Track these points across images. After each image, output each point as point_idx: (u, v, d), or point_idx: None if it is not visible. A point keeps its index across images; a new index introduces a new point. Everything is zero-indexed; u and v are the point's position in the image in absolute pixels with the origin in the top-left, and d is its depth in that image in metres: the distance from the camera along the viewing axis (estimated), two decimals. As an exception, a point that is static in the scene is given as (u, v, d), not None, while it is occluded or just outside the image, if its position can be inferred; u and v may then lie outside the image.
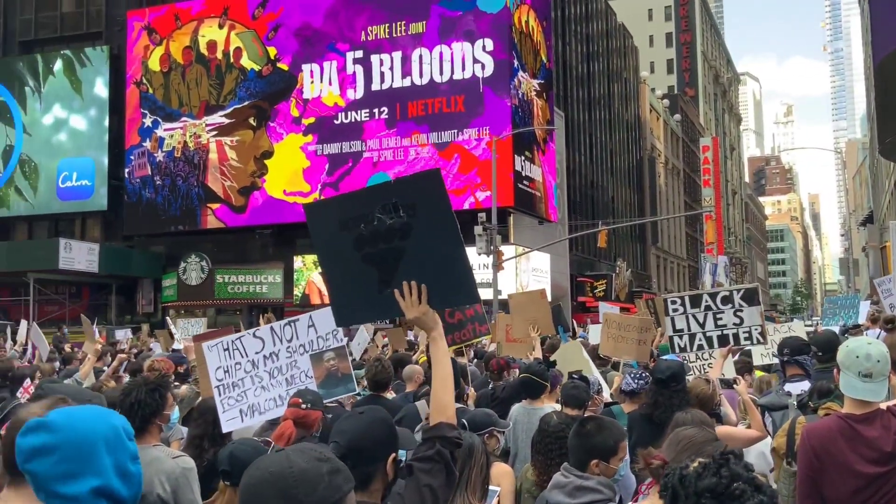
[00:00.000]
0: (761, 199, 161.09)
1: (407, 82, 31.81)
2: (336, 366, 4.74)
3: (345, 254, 2.83)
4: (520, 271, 30.60)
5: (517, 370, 7.75)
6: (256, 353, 4.60)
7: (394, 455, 2.52)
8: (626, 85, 57.95)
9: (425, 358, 10.40)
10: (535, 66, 33.82)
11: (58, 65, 35.68)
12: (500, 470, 3.96)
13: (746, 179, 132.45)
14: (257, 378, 4.56)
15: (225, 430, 4.42)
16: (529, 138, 32.62)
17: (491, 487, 3.62)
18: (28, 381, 6.20)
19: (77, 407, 2.09)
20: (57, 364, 9.83)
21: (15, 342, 14.36)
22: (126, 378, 6.91)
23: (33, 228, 36.80)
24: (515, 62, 31.57)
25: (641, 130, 60.82)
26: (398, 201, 2.72)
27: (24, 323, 15.45)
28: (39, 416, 1.99)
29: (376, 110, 32.02)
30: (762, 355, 8.25)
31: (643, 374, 6.00)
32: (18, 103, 35.95)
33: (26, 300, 30.70)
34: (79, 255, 30.64)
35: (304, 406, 3.95)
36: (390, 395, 7.22)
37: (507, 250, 28.91)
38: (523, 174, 31.78)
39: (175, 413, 4.16)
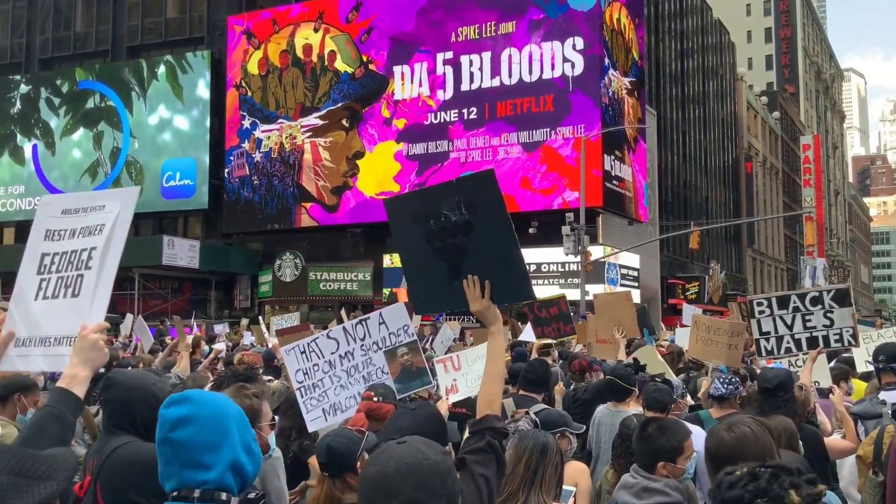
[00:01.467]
0: (866, 199, 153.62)
1: (496, 82, 31.88)
2: (410, 360, 4.84)
3: (419, 246, 2.96)
4: (608, 272, 30.22)
5: (600, 372, 7.73)
6: (332, 353, 4.73)
7: (447, 448, 2.59)
8: (722, 82, 56.33)
9: (509, 357, 10.48)
10: (626, 63, 33.31)
11: (161, 69, 37.36)
12: (575, 468, 3.99)
13: (850, 179, 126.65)
14: (336, 377, 4.70)
15: (311, 429, 4.62)
16: (620, 137, 32.17)
17: (566, 487, 3.65)
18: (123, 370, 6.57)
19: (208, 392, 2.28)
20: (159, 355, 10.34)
21: (119, 334, 15.14)
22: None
23: (139, 226, 38.61)
24: (606, 60, 31.19)
25: (738, 128, 59.01)
26: (460, 199, 2.84)
27: (129, 316, 16.29)
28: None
29: (465, 111, 32.22)
30: (866, 362, 7.96)
31: (732, 379, 5.90)
32: (125, 106, 37.81)
33: (132, 294, 32.29)
34: (181, 252, 32.03)
35: (376, 399, 4.07)
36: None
37: (596, 251, 28.61)
38: (613, 174, 31.37)
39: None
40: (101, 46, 39.84)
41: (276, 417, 5.06)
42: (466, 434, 4.20)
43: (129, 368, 6.62)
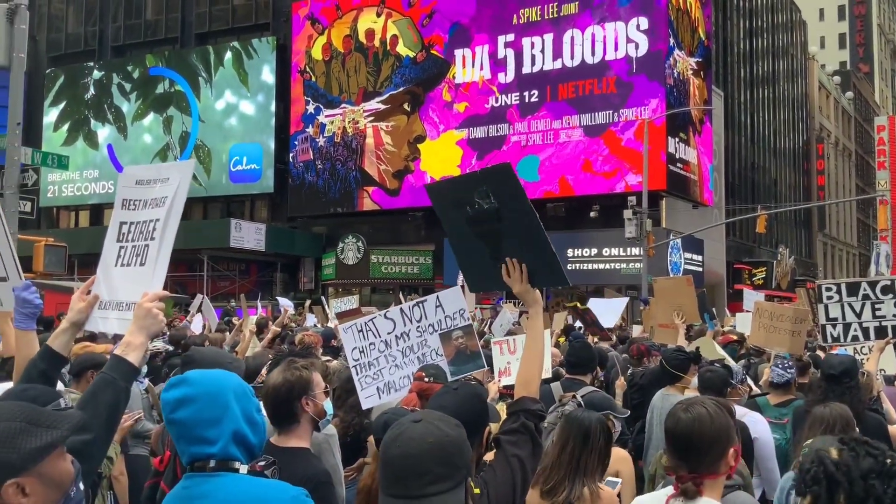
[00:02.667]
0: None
1: (558, 64, 31.60)
2: (464, 343, 4.88)
3: (462, 229, 3.07)
4: (671, 256, 29.80)
5: (658, 357, 7.72)
6: (388, 333, 4.81)
7: (488, 428, 2.67)
8: (793, 61, 54.61)
9: (564, 339, 10.52)
10: (692, 44, 32.62)
11: (227, 55, 38.13)
12: (617, 456, 3.98)
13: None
14: (391, 357, 4.78)
15: (364, 406, 4.72)
16: (684, 119, 31.57)
17: (610, 479, 3.69)
18: (200, 348, 6.86)
19: (211, 370, 2.44)
20: (227, 334, 10.70)
21: (189, 314, 15.66)
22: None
23: (207, 209, 39.66)
24: (671, 40, 30.60)
25: (809, 109, 57.19)
26: (487, 188, 2.90)
27: (199, 296, 16.85)
28: None
29: (526, 93, 32.05)
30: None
31: (792, 366, 5.84)
32: (193, 92, 38.75)
33: (201, 276, 33.24)
34: (248, 235, 32.79)
35: (427, 379, 4.18)
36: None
37: (659, 235, 28.24)
38: (677, 156, 30.84)
39: None
40: (170, 34, 40.85)
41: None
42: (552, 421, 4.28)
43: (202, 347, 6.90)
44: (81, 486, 1.80)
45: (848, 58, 76.22)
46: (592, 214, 30.43)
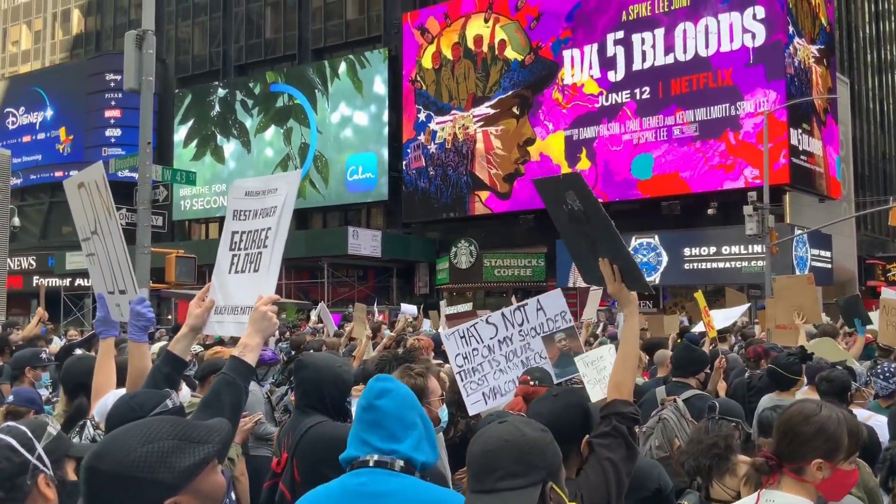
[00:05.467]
0: None
1: (670, 59, 30.86)
2: (568, 345, 4.89)
3: (567, 225, 3.12)
4: (795, 252, 28.52)
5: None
6: (491, 338, 4.82)
7: (587, 437, 2.63)
8: (929, 42, 51.09)
9: (680, 341, 10.30)
10: (813, 30, 31.13)
11: (342, 68, 39.35)
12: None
13: None
14: (495, 362, 4.79)
15: (471, 412, 4.72)
16: (807, 110, 30.15)
17: None
18: (312, 352, 7.19)
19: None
20: (343, 339, 11.11)
21: (310, 320, 16.33)
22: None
23: (327, 218, 41.02)
24: (790, 28, 29.31)
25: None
26: (572, 192, 2.95)
27: (321, 304, 17.54)
28: None
29: (637, 90, 31.46)
30: None
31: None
32: (311, 105, 40.19)
33: (322, 282, 34.39)
34: (364, 242, 33.70)
35: (532, 383, 4.21)
36: (642, 379, 7.35)
37: (783, 231, 27.09)
38: (800, 149, 29.49)
39: None
40: (288, 50, 42.54)
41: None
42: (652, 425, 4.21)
43: (314, 351, 7.24)
44: (233, 497, 1.73)
45: None
46: (710, 212, 29.51)
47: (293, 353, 9.26)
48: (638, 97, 31.46)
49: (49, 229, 47.01)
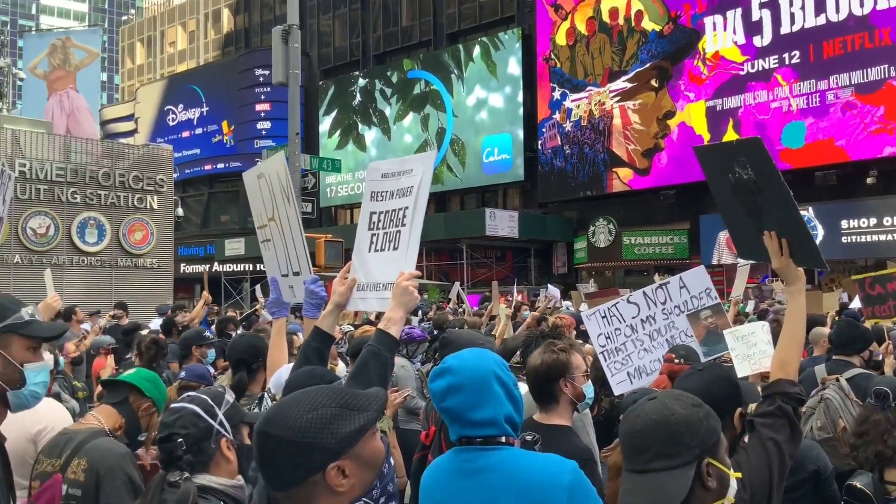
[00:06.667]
0: None
1: (821, 20, 29.00)
2: (714, 323, 4.80)
3: (729, 196, 3.04)
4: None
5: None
6: (633, 317, 4.82)
7: (740, 410, 2.61)
8: None
9: (839, 319, 9.83)
10: None
11: (476, 51, 39.58)
12: None
13: None
14: (638, 341, 4.77)
15: (616, 392, 4.74)
16: (982, 66, 27.57)
17: None
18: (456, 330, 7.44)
19: (467, 350, 2.59)
20: (484, 318, 11.35)
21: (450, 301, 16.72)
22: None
23: (464, 200, 41.55)
24: (961, -23, 26.85)
25: None
26: (744, 160, 2.85)
27: (456, 284, 17.93)
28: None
29: (786, 55, 29.80)
30: None
31: None
32: (447, 89, 40.72)
33: (460, 264, 34.94)
34: (501, 223, 33.89)
35: (677, 361, 4.19)
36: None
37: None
38: (975, 109, 27.05)
39: None
40: (424, 37, 43.25)
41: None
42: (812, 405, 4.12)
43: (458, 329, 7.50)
44: (392, 462, 1.79)
45: None
46: (869, 181, 27.64)
47: (436, 332, 9.60)
48: (787, 62, 29.81)
49: (209, 218, 50.29)
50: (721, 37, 31.61)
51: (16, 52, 69.16)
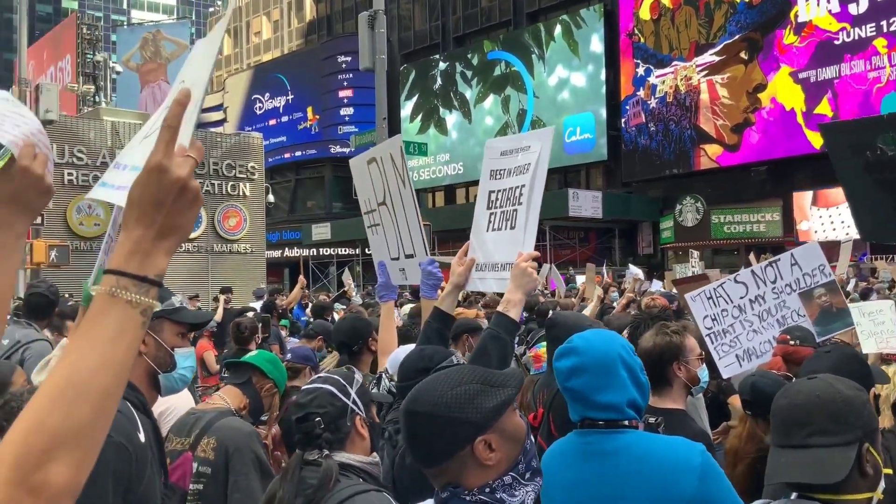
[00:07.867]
0: None
1: (926, -17, 27.48)
2: (829, 301, 4.62)
3: (858, 175, 2.93)
4: None
5: None
6: (741, 297, 4.66)
7: (872, 391, 2.56)
8: None
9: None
10: None
11: (557, 30, 39.06)
12: None
13: None
14: (747, 322, 4.62)
15: (724, 376, 4.60)
16: None
17: None
18: (551, 312, 7.45)
19: (592, 331, 2.57)
20: (574, 299, 11.30)
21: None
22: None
23: (547, 181, 41.09)
24: None
25: None
26: (894, 135, 2.75)
27: (545, 266, 17.84)
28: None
29: (885, 22, 28.35)
30: None
31: None
32: (528, 70, 40.36)
33: (544, 245, 34.75)
34: (584, 203, 33.53)
35: (792, 342, 4.03)
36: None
37: None
38: None
39: None
40: (503, 17, 42.90)
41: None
42: None
43: (551, 311, 7.51)
44: (532, 440, 1.83)
45: None
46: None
47: (525, 315, 9.60)
48: (885, 29, 28.37)
49: (295, 204, 51.42)
50: (814, 5, 30.31)
51: (109, 47, 72.08)
